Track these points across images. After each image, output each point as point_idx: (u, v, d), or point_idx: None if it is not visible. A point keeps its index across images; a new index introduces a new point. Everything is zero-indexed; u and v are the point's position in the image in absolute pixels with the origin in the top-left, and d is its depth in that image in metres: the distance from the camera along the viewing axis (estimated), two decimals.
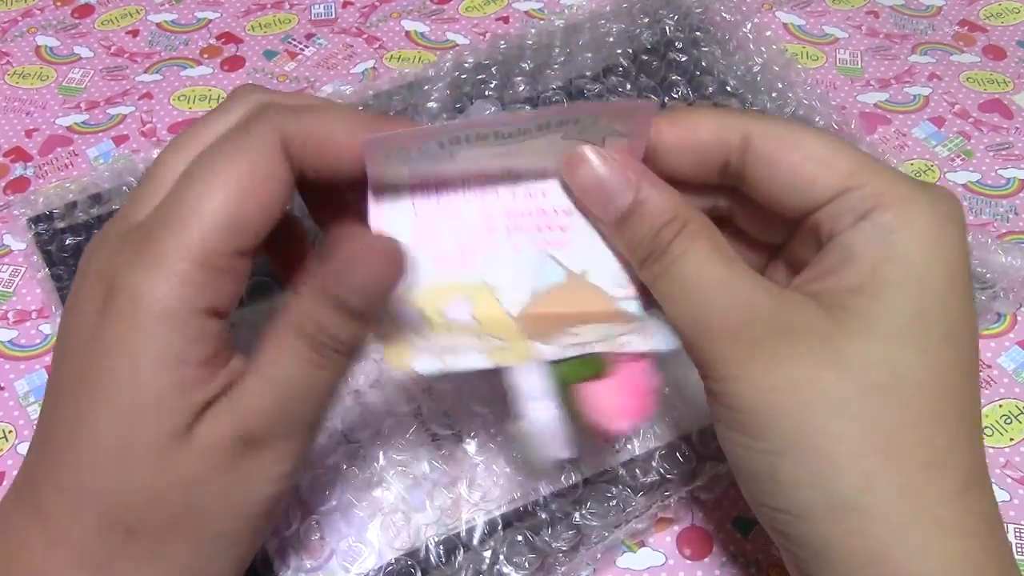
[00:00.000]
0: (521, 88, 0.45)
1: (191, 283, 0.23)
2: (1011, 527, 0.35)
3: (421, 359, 0.26)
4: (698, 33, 0.47)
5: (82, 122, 0.48)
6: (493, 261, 0.27)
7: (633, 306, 0.28)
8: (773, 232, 0.28)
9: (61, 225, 0.40)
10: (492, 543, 0.32)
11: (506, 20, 0.52)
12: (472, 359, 0.26)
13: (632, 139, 0.26)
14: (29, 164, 0.46)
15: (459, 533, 0.32)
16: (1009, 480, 0.36)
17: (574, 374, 0.27)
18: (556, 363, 0.26)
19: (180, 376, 0.24)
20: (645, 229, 0.26)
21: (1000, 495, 0.36)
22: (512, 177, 0.27)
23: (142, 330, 0.23)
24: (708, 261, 0.25)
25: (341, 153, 0.25)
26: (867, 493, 0.23)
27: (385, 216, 0.27)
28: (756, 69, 0.45)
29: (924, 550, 0.23)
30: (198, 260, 0.23)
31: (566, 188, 0.27)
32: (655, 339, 0.27)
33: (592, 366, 0.27)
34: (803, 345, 0.24)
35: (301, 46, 0.51)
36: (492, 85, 0.45)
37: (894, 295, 0.24)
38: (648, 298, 0.28)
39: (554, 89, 0.45)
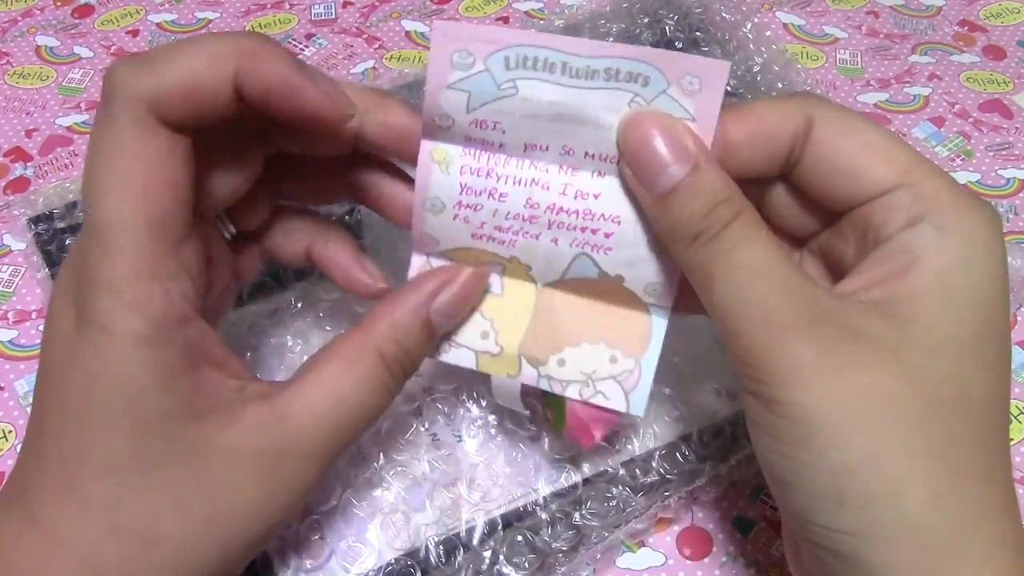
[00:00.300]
0: None
1: (152, 304, 0.23)
2: None
3: None
4: (698, 33, 0.47)
5: (82, 122, 0.48)
6: (528, 247, 0.27)
7: (660, 313, 0.28)
8: (806, 224, 0.27)
9: (61, 225, 0.40)
10: (492, 543, 0.32)
11: (506, 20, 0.52)
12: (463, 357, 0.29)
13: (698, 123, 0.25)
14: (29, 164, 0.46)
15: (459, 533, 0.32)
16: None
17: (546, 400, 0.30)
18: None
19: (180, 390, 0.24)
20: (698, 205, 0.24)
21: None
22: (568, 165, 0.26)
23: (125, 361, 0.23)
24: (771, 252, 0.23)
25: (211, 93, 0.23)
26: (936, 511, 0.22)
27: (433, 182, 0.27)
28: (756, 69, 0.45)
29: (983, 565, 0.22)
30: (148, 278, 0.23)
31: (622, 195, 0.26)
32: (631, 401, 0.28)
33: (557, 405, 0.30)
34: (875, 353, 0.23)
35: (301, 46, 0.51)
36: None
37: (959, 307, 0.23)
38: (682, 308, 0.28)
39: None
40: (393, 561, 0.32)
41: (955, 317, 0.23)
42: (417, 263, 0.29)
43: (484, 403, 0.35)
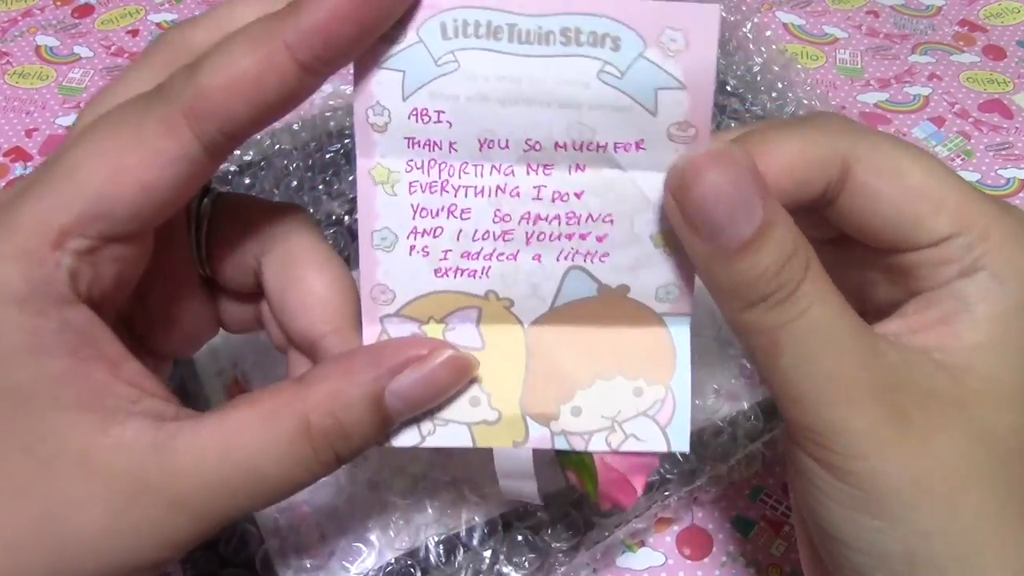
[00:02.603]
0: None
1: (44, 266, 0.20)
2: None
3: (401, 432, 0.23)
4: None
5: None
6: (505, 272, 0.22)
7: (679, 323, 0.23)
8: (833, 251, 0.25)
9: None
10: (492, 543, 0.32)
11: None
12: (454, 436, 0.23)
13: (691, 93, 0.20)
14: (29, 164, 0.46)
15: (459, 533, 0.32)
16: None
17: (566, 461, 0.25)
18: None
19: (48, 372, 0.20)
20: (769, 262, 0.20)
21: None
22: (537, 162, 0.21)
23: None
24: (840, 310, 0.21)
25: (245, 96, 0.20)
26: (1007, 570, 0.21)
27: (379, 209, 0.22)
28: (756, 69, 0.45)
29: None
30: (53, 241, 0.20)
31: (610, 186, 0.22)
32: (671, 436, 0.23)
33: (582, 464, 0.24)
34: (945, 414, 0.22)
35: None
36: None
37: (1013, 355, 0.22)
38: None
39: None
40: (393, 561, 0.32)
41: (1011, 366, 0.22)
42: (370, 335, 0.23)
43: None
